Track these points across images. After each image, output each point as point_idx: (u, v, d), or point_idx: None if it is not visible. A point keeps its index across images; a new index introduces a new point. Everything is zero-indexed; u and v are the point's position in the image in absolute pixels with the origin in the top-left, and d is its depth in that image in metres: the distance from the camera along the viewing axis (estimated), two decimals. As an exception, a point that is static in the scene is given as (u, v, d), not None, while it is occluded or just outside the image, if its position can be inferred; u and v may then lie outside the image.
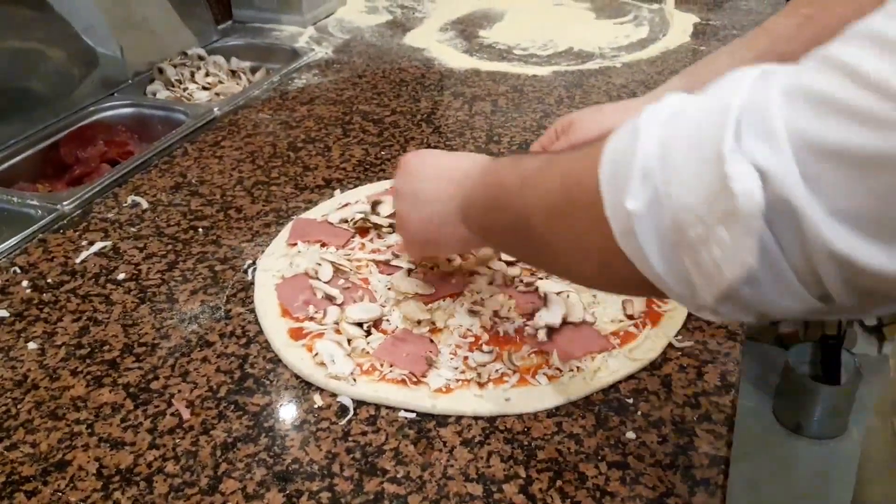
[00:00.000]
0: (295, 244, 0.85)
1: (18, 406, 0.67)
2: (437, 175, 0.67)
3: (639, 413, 0.65)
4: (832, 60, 0.33)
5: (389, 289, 0.78)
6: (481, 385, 0.66)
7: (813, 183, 0.32)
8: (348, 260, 0.82)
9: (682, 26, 1.52)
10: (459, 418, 0.64)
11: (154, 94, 1.33)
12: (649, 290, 0.42)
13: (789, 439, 1.92)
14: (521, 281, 0.78)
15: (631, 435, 0.62)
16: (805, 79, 0.34)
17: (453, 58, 1.40)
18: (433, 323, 0.73)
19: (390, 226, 0.86)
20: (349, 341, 0.71)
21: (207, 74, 1.39)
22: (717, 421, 0.64)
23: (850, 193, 0.31)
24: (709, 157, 0.35)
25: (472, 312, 0.74)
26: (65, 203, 0.97)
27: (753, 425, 1.94)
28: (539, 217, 0.50)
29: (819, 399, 1.86)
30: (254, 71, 1.44)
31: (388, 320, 0.74)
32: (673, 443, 0.62)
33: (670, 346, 0.71)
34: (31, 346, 0.74)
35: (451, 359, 0.69)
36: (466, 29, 1.55)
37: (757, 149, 0.33)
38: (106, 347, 0.73)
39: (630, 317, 0.74)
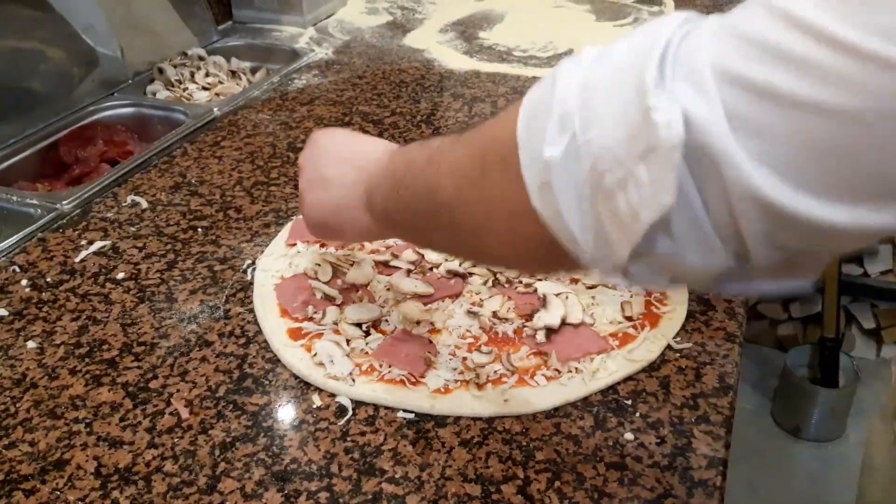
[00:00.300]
0: (294, 244, 0.85)
1: (17, 405, 0.67)
2: (344, 158, 0.64)
3: (637, 414, 0.65)
4: (765, 2, 0.32)
5: (388, 289, 0.78)
6: (480, 386, 0.66)
7: (737, 123, 0.31)
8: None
9: (681, 29, 1.52)
10: (458, 419, 0.64)
11: (154, 94, 1.33)
12: (557, 260, 0.40)
13: (787, 442, 1.92)
14: (521, 282, 0.79)
15: (629, 436, 0.63)
16: (735, 19, 0.32)
17: (453, 59, 1.40)
18: (432, 323, 0.73)
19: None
20: (348, 341, 0.71)
21: (207, 75, 1.39)
22: (716, 422, 0.64)
23: (776, 138, 0.30)
24: (631, 94, 0.34)
25: (471, 313, 0.74)
26: (64, 202, 0.97)
27: (752, 427, 1.94)
28: (447, 186, 0.47)
29: (817, 402, 1.86)
30: (254, 71, 1.44)
31: (386, 321, 0.74)
32: (671, 444, 0.62)
33: (669, 347, 0.71)
34: (30, 344, 0.74)
35: (450, 359, 0.69)
36: (466, 30, 1.55)
37: (681, 85, 0.32)
38: (105, 346, 0.73)
39: (629, 318, 0.74)
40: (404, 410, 0.65)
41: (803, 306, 2.09)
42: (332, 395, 0.67)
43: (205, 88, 1.36)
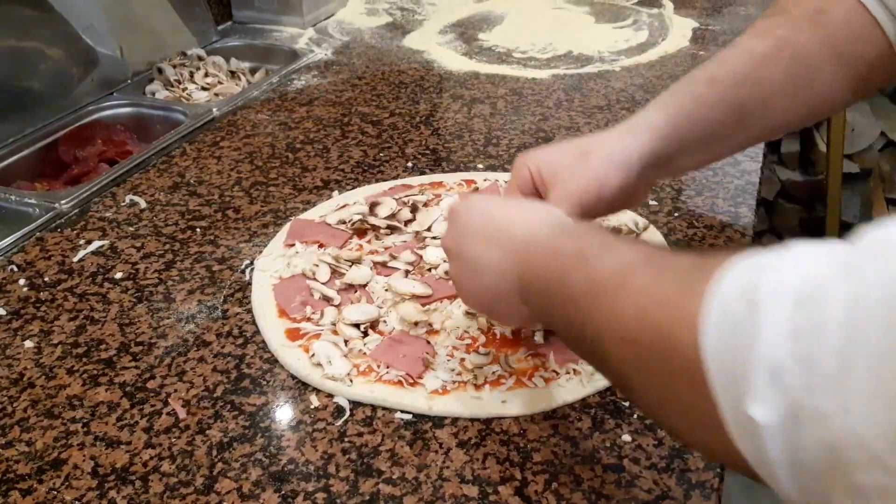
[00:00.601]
0: (292, 245, 0.85)
1: (14, 404, 0.67)
2: (488, 238, 0.58)
3: (635, 416, 0.65)
4: None
5: (387, 290, 0.78)
6: (478, 387, 0.66)
7: None
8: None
9: (681, 31, 1.52)
10: (455, 420, 0.64)
11: (153, 94, 1.33)
12: (753, 476, 0.33)
13: (785, 444, 1.92)
14: (519, 283, 0.78)
15: (627, 438, 0.62)
16: None
17: (452, 60, 1.40)
18: (430, 324, 0.73)
19: (388, 227, 0.86)
20: (346, 342, 0.71)
21: (207, 75, 1.39)
22: (713, 424, 0.64)
23: None
24: (890, 369, 0.26)
25: (470, 314, 0.74)
26: (63, 202, 0.97)
27: (750, 430, 1.94)
28: (614, 347, 0.42)
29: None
30: (253, 72, 1.44)
31: (385, 321, 0.74)
32: (669, 446, 0.62)
33: (667, 349, 0.71)
34: (28, 344, 0.74)
35: (448, 360, 0.69)
36: (466, 31, 1.55)
37: None
38: (102, 346, 0.73)
39: (627, 320, 0.74)
40: (402, 411, 0.65)
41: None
42: (330, 396, 0.67)
43: (204, 88, 1.36)
